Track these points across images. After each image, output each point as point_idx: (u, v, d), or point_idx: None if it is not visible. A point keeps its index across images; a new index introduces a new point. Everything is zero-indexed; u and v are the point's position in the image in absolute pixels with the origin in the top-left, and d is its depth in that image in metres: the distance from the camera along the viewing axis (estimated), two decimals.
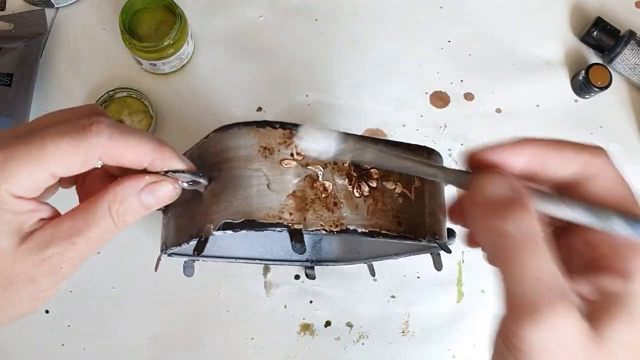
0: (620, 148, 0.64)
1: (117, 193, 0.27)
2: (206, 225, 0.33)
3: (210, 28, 0.63)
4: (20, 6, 0.61)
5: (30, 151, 0.25)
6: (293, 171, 0.33)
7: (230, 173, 0.33)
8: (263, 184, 0.33)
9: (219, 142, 0.34)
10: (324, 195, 0.34)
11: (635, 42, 0.62)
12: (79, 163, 0.26)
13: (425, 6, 0.65)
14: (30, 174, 0.25)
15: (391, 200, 0.36)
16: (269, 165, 0.33)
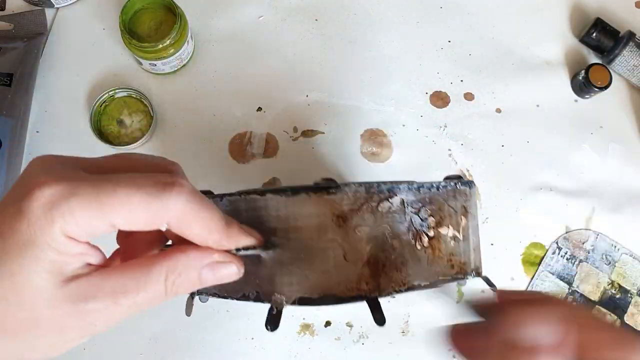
0: (620, 148, 0.64)
1: (178, 263, 0.25)
2: (275, 296, 0.31)
3: (210, 28, 0.63)
4: (20, 6, 0.61)
5: (97, 195, 0.22)
6: (366, 237, 0.31)
7: (303, 244, 0.31)
8: (339, 256, 0.31)
9: (284, 208, 0.32)
10: (393, 256, 0.32)
11: (635, 43, 0.62)
12: (143, 222, 0.23)
13: (425, 6, 0.65)
14: (90, 219, 0.22)
15: (445, 245, 0.35)
16: (343, 234, 0.31)
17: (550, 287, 0.59)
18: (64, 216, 0.22)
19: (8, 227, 0.22)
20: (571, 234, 0.61)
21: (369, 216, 0.32)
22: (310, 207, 0.31)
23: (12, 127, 0.55)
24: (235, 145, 0.60)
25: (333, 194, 0.31)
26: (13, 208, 0.22)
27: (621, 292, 0.60)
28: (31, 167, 0.24)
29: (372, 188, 0.32)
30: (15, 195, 0.23)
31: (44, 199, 0.22)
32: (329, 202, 0.31)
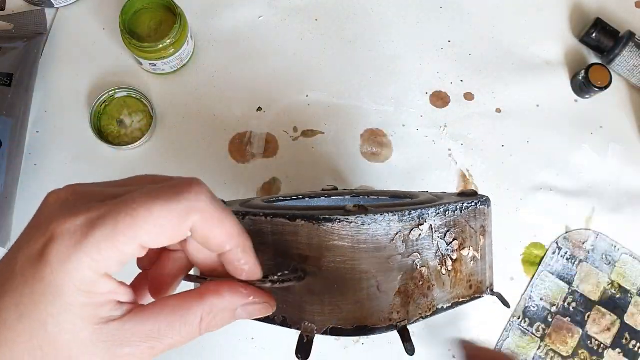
0: (620, 148, 0.64)
1: (214, 305, 0.24)
2: (306, 324, 0.31)
3: (210, 28, 0.63)
4: (20, 6, 0.61)
5: (117, 220, 0.21)
6: (398, 266, 0.31)
7: (337, 274, 0.30)
8: (373, 287, 0.30)
9: (317, 237, 0.30)
10: (421, 283, 0.32)
11: (635, 44, 0.62)
12: (170, 231, 0.22)
13: (425, 6, 0.65)
14: (117, 246, 0.21)
15: (466, 266, 0.35)
16: (378, 264, 0.30)
17: (550, 287, 0.59)
18: (90, 254, 0.21)
19: (31, 275, 0.21)
20: (571, 234, 0.61)
21: (401, 245, 0.31)
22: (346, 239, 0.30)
23: (12, 127, 0.55)
24: (235, 145, 0.60)
25: (368, 225, 0.30)
26: (34, 253, 0.21)
27: (621, 292, 0.60)
28: (47, 205, 0.24)
29: (404, 215, 0.31)
30: (34, 238, 0.22)
31: (65, 241, 0.21)
32: (363, 233, 0.30)
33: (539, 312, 0.59)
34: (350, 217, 0.30)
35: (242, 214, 0.33)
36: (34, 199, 0.56)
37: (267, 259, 0.32)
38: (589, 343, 0.58)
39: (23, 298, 0.21)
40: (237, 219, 0.25)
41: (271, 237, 0.32)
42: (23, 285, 0.21)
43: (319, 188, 0.59)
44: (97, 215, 0.21)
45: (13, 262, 0.22)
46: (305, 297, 0.30)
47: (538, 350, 0.58)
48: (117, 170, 0.58)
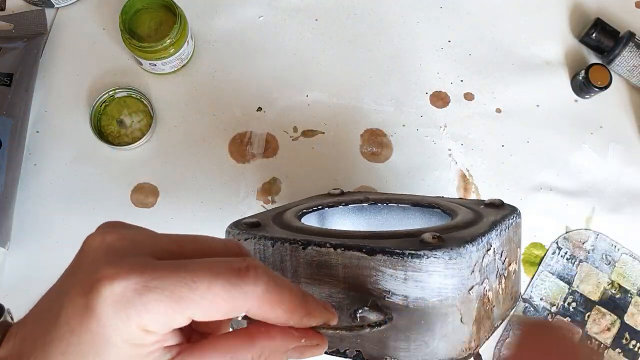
0: (620, 148, 0.64)
1: (265, 348, 0.23)
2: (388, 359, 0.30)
3: (210, 28, 0.63)
4: (20, 6, 0.61)
5: (174, 288, 0.20)
6: (475, 296, 0.30)
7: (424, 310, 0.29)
8: (457, 319, 0.30)
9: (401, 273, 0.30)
10: (487, 307, 0.32)
11: (634, 44, 0.62)
12: (223, 312, 0.22)
13: (425, 6, 0.65)
14: (168, 314, 0.21)
15: (510, 280, 0.35)
16: (461, 297, 0.30)
17: (550, 287, 0.59)
18: (140, 314, 0.20)
19: (78, 325, 0.21)
20: (571, 234, 0.61)
21: (478, 275, 0.31)
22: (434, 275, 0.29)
23: (12, 127, 0.55)
24: (235, 145, 0.60)
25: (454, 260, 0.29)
26: (80, 303, 0.21)
27: (621, 292, 0.60)
28: (92, 249, 0.23)
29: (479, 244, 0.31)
30: (79, 285, 0.21)
31: (115, 297, 0.20)
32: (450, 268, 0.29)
33: (539, 312, 0.59)
34: (437, 252, 0.29)
35: (303, 243, 0.32)
36: (34, 199, 0.56)
37: (338, 292, 0.31)
38: (589, 343, 0.58)
39: (69, 347, 0.21)
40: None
41: (342, 270, 0.30)
42: (69, 335, 0.21)
43: (319, 188, 0.59)
44: (152, 278, 0.21)
45: (57, 307, 0.21)
46: (388, 332, 0.29)
47: None
48: (117, 170, 0.58)
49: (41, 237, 0.56)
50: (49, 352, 0.21)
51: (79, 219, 0.56)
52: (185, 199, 0.58)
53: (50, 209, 0.56)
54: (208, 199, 0.58)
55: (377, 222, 0.47)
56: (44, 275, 0.54)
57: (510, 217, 0.36)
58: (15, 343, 0.22)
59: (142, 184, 0.58)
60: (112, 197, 0.57)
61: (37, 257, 0.55)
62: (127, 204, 0.57)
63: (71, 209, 0.56)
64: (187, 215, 0.57)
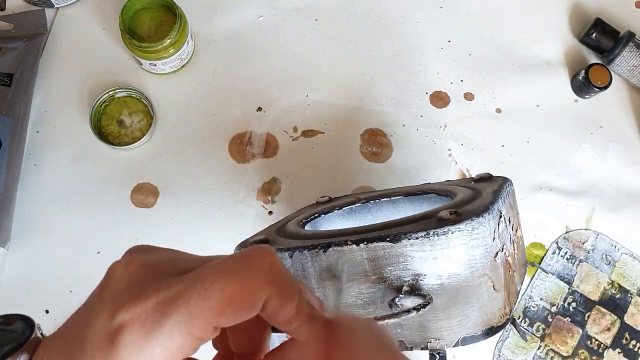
0: (620, 148, 0.64)
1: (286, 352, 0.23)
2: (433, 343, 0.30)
3: (210, 28, 0.63)
4: (20, 6, 0.61)
5: (189, 302, 0.20)
6: (500, 262, 0.31)
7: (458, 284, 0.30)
8: (490, 288, 0.30)
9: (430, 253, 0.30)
10: (510, 272, 0.32)
11: (634, 44, 0.62)
12: (245, 309, 0.21)
13: (425, 6, 0.65)
14: (191, 332, 0.20)
15: (520, 246, 0.35)
16: (489, 265, 0.30)
17: (551, 287, 0.59)
18: (162, 343, 0.20)
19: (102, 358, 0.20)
20: (571, 234, 0.61)
21: (498, 241, 0.31)
22: (460, 248, 0.29)
23: (12, 127, 0.55)
24: (235, 145, 0.60)
25: (477, 229, 0.30)
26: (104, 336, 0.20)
27: (621, 292, 0.60)
28: (112, 281, 0.23)
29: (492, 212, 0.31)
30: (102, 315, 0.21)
31: (135, 330, 0.20)
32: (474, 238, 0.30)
33: (539, 312, 0.59)
34: (460, 225, 0.29)
35: (323, 246, 0.31)
36: (34, 199, 0.56)
37: (368, 287, 0.31)
38: (589, 343, 0.58)
39: None
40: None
41: (368, 264, 0.30)
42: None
43: (319, 188, 0.59)
44: (167, 297, 0.20)
45: (82, 337, 0.21)
46: (427, 315, 0.30)
47: (538, 350, 0.58)
48: (117, 170, 0.58)
49: (41, 237, 0.56)
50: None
51: (79, 219, 0.56)
52: (185, 199, 0.58)
53: (50, 209, 0.56)
54: (208, 199, 0.58)
55: (368, 221, 0.47)
56: (44, 275, 0.54)
57: (506, 186, 0.37)
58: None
59: (142, 184, 0.58)
60: (112, 197, 0.57)
61: (37, 257, 0.55)
62: (127, 204, 0.57)
63: (71, 209, 0.56)
64: (187, 215, 0.57)
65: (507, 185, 0.37)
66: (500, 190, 0.35)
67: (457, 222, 0.29)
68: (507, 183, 0.38)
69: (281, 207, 0.59)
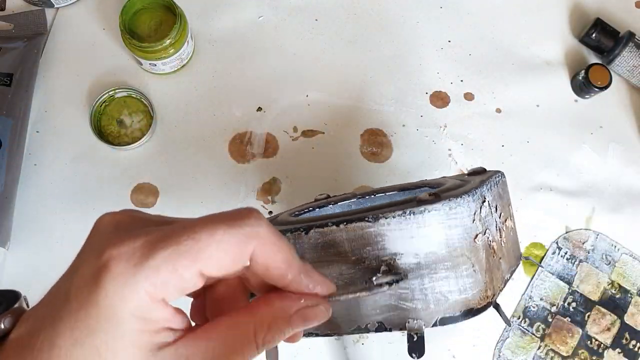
0: (620, 148, 0.64)
1: (265, 317, 0.23)
2: (411, 322, 0.30)
3: (210, 28, 0.63)
4: (20, 6, 0.61)
5: (178, 244, 0.20)
6: (481, 244, 0.31)
7: (435, 264, 0.30)
8: (469, 269, 0.30)
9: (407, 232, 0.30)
10: (494, 257, 0.32)
11: (634, 44, 0.62)
12: (231, 256, 0.21)
13: (425, 6, 0.65)
14: (178, 271, 0.20)
15: (509, 236, 0.36)
16: (468, 246, 0.30)
17: (551, 287, 0.59)
18: (148, 277, 0.20)
19: (86, 300, 0.20)
20: (571, 234, 0.61)
21: (479, 224, 0.31)
22: (437, 227, 0.30)
23: (12, 127, 0.55)
24: (235, 145, 0.60)
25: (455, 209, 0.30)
26: (88, 277, 0.21)
27: (621, 292, 0.60)
28: (102, 225, 0.23)
29: (474, 195, 0.31)
30: (88, 261, 0.21)
31: (122, 263, 0.20)
32: (452, 218, 0.30)
33: (539, 312, 0.59)
34: (437, 204, 0.30)
35: (305, 228, 0.32)
36: (34, 199, 0.56)
37: (348, 268, 0.31)
38: (589, 343, 0.58)
39: (77, 323, 0.20)
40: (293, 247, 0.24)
41: (348, 244, 0.31)
42: (77, 311, 0.20)
43: (319, 188, 0.59)
44: (157, 237, 0.21)
45: (67, 286, 0.21)
46: (404, 295, 0.30)
47: (538, 350, 0.58)
48: (117, 170, 0.58)
49: (41, 237, 0.56)
50: (58, 328, 0.21)
51: (79, 219, 0.56)
52: (185, 199, 0.58)
53: (50, 209, 0.56)
54: (208, 199, 0.58)
55: None
56: (44, 275, 0.54)
57: (495, 176, 0.37)
58: (26, 325, 0.22)
59: (142, 184, 0.58)
60: (112, 197, 0.57)
61: (37, 257, 0.55)
62: (127, 204, 0.57)
63: (71, 209, 0.56)
64: (187, 215, 0.57)
65: (497, 176, 0.38)
66: (488, 180, 0.35)
67: (435, 202, 0.30)
68: (498, 174, 0.38)
69: (281, 207, 0.59)
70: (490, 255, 0.32)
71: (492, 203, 0.34)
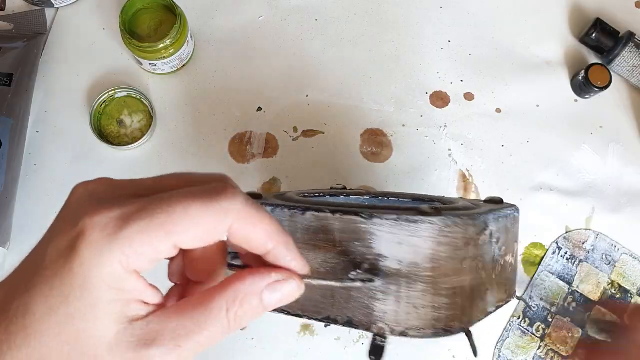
0: (620, 148, 0.64)
1: (237, 292, 0.23)
2: (378, 325, 0.30)
3: (210, 28, 0.63)
4: (20, 6, 0.61)
5: (152, 217, 0.21)
6: (468, 269, 0.31)
7: (415, 276, 0.30)
8: (449, 289, 0.30)
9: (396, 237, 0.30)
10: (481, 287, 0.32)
11: (634, 44, 0.62)
12: (206, 231, 0.22)
13: (425, 6, 0.65)
14: (151, 243, 0.21)
15: (506, 272, 0.35)
16: (453, 267, 0.30)
17: (550, 287, 0.59)
18: (122, 249, 0.20)
19: (61, 268, 0.21)
20: (571, 234, 0.61)
21: (473, 249, 0.31)
22: (428, 240, 0.30)
23: (12, 127, 0.55)
24: (235, 145, 0.60)
25: (450, 228, 0.30)
26: (64, 245, 0.21)
27: (621, 292, 0.60)
28: (76, 195, 0.23)
29: (476, 220, 0.31)
30: (64, 230, 0.22)
31: (96, 233, 0.20)
32: (444, 235, 0.30)
33: (539, 312, 0.59)
34: (433, 219, 0.29)
35: (302, 209, 0.32)
36: (34, 199, 0.56)
37: (332, 257, 0.31)
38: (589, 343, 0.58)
39: (52, 291, 0.21)
40: (276, 219, 0.24)
41: (338, 234, 0.31)
42: (52, 278, 0.21)
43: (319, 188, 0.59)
44: (131, 209, 0.21)
45: (43, 254, 0.22)
46: (378, 297, 0.30)
47: (538, 350, 0.58)
48: (117, 170, 0.58)
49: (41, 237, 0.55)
50: (33, 295, 0.21)
51: None
52: None
53: (50, 209, 0.56)
54: None
55: None
56: None
57: (508, 209, 0.37)
58: (1, 291, 0.22)
59: None
60: None
61: None
62: None
63: None
64: None
65: (510, 209, 0.37)
66: (499, 210, 0.35)
67: (432, 215, 0.30)
68: (512, 209, 0.38)
69: None
70: (477, 283, 0.32)
71: (495, 234, 0.34)
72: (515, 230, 0.38)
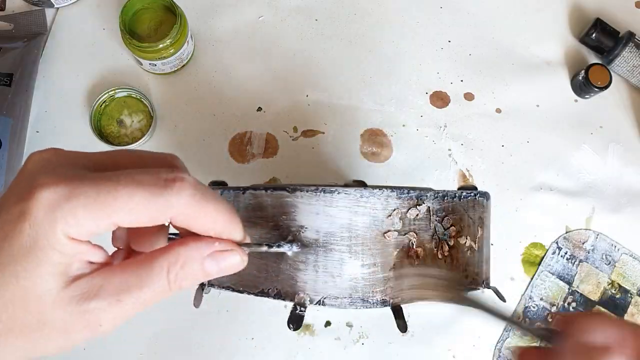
0: (620, 148, 0.64)
1: (179, 255, 0.24)
2: (299, 295, 0.31)
3: (210, 28, 0.63)
4: (20, 6, 0.61)
5: (98, 195, 0.22)
6: (394, 242, 0.32)
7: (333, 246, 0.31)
8: (368, 260, 0.31)
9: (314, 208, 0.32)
10: (417, 263, 0.33)
11: (634, 44, 0.62)
12: (147, 218, 0.23)
13: (425, 6, 0.65)
14: (93, 219, 0.22)
15: (462, 255, 0.35)
16: (374, 238, 0.31)
17: (551, 287, 0.59)
18: (65, 218, 0.22)
19: (11, 229, 0.22)
20: (571, 234, 0.61)
21: (398, 222, 0.32)
22: (343, 210, 0.31)
23: (12, 127, 0.55)
24: (235, 145, 0.60)
25: (366, 198, 0.31)
26: (16, 209, 0.22)
27: (621, 292, 0.60)
28: (31, 164, 0.24)
29: (402, 194, 0.32)
30: (16, 194, 0.23)
31: (46, 201, 0.22)
32: (361, 205, 0.31)
33: (539, 312, 0.59)
34: (349, 189, 0.31)
35: (244, 189, 0.34)
36: None
37: (266, 232, 0.33)
38: None
39: (1, 251, 0.22)
40: (227, 203, 0.25)
41: (271, 210, 0.33)
42: (2, 239, 0.22)
43: None
44: (79, 184, 0.22)
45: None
46: (300, 267, 0.31)
47: None
48: None
49: None
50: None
51: None
52: None
53: None
54: None
55: None
56: None
57: (465, 192, 0.37)
58: None
59: None
60: None
61: None
62: None
63: None
64: None
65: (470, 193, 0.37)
66: (448, 191, 0.36)
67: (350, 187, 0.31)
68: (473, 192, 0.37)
69: None
70: (408, 257, 0.32)
71: (438, 212, 0.34)
72: (479, 215, 0.38)
